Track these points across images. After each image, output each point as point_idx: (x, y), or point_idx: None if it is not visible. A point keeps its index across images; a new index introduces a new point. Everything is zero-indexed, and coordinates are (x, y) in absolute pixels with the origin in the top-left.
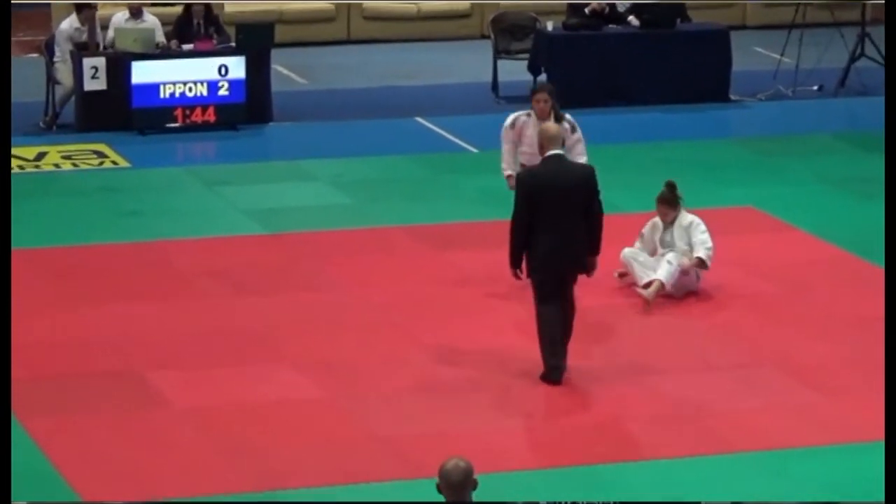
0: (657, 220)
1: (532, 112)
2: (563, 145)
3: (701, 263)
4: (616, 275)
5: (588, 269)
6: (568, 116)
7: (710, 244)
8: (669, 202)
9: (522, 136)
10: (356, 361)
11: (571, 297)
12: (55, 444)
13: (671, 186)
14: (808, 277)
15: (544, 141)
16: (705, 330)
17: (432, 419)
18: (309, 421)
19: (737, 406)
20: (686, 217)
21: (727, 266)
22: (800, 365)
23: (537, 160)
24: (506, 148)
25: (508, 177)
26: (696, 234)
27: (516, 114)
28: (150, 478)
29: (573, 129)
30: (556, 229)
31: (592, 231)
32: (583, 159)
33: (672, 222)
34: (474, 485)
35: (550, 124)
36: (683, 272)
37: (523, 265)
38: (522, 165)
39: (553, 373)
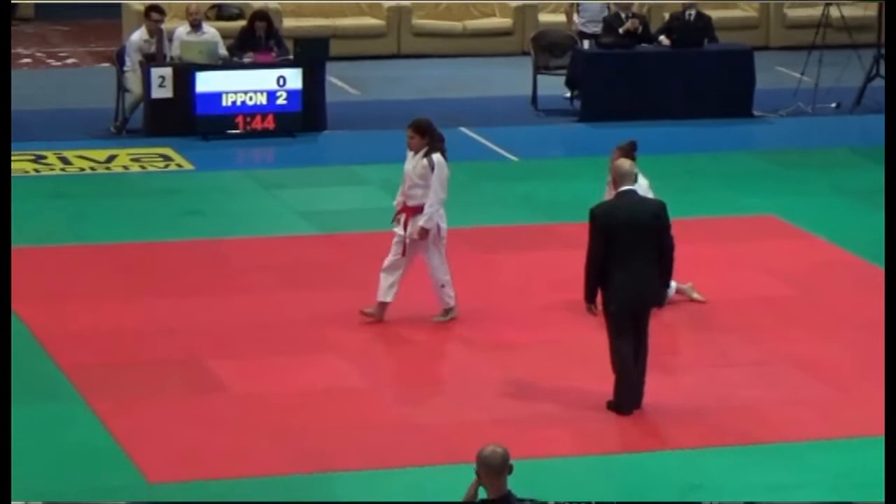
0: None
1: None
2: (635, 181)
3: None
4: None
5: (661, 301)
6: (435, 156)
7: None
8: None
9: (406, 170)
10: (400, 354)
11: (646, 332)
12: (120, 425)
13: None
14: (824, 281)
15: (617, 177)
16: (727, 329)
17: (470, 408)
18: (354, 408)
19: (756, 400)
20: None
21: (749, 270)
22: (816, 362)
23: (410, 196)
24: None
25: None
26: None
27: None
28: (208, 458)
29: (432, 169)
30: (630, 265)
31: (665, 265)
32: (428, 199)
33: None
34: (510, 470)
35: (625, 160)
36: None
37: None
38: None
39: (624, 406)
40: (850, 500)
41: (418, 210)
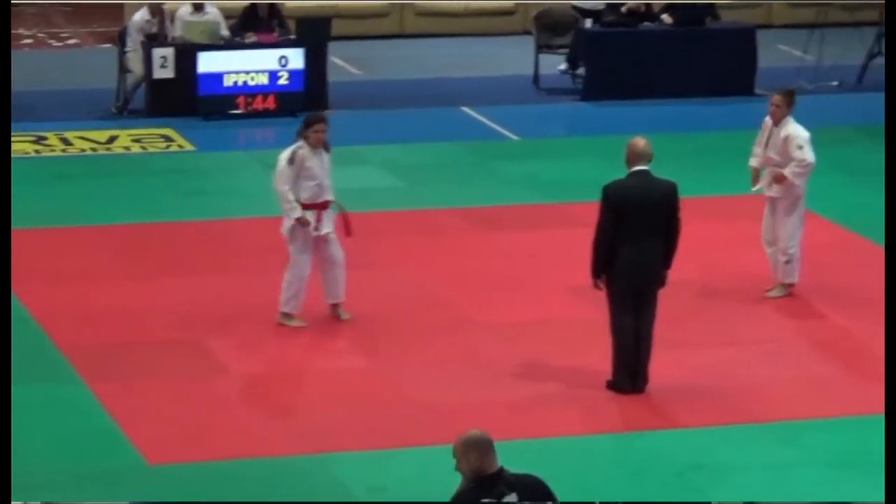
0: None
1: (305, 144)
2: (649, 161)
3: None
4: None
5: (664, 282)
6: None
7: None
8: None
9: (303, 168)
10: (403, 333)
11: (652, 312)
12: (120, 406)
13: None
14: (827, 259)
15: (631, 156)
16: (731, 307)
17: (474, 388)
18: (357, 388)
19: (759, 378)
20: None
21: (754, 248)
22: (820, 341)
23: (323, 192)
24: (286, 189)
25: (300, 219)
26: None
27: (291, 149)
28: (208, 439)
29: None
30: (638, 243)
31: (670, 246)
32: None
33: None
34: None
35: (639, 139)
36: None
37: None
38: (304, 204)
39: (622, 384)
40: (850, 501)
41: (326, 206)
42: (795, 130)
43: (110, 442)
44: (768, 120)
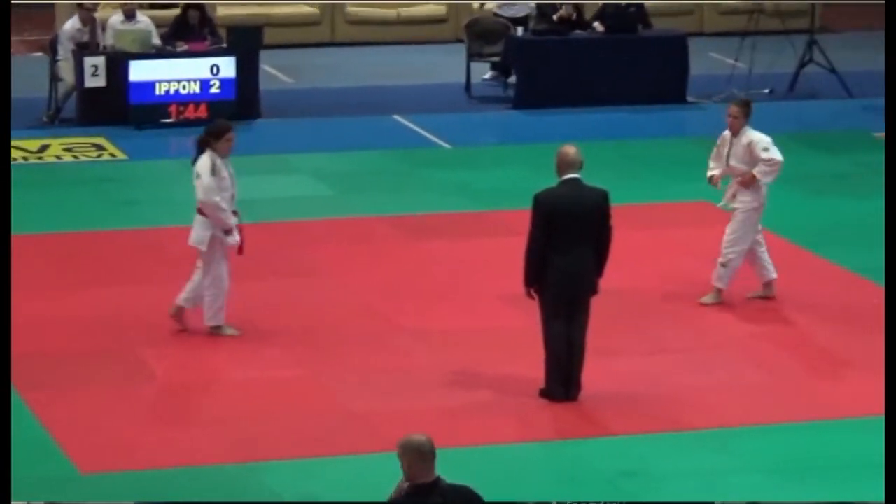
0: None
1: (215, 153)
2: (579, 169)
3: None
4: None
5: (596, 290)
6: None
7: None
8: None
9: (220, 178)
10: (335, 342)
11: (584, 320)
12: (53, 416)
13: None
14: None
15: (562, 164)
16: (661, 315)
17: (405, 396)
18: (289, 396)
19: (689, 386)
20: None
21: (683, 255)
22: (749, 348)
23: (233, 201)
24: (219, 200)
25: (231, 230)
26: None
27: (209, 159)
28: (140, 448)
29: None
30: (570, 252)
31: (601, 255)
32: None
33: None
34: (434, 456)
35: (570, 147)
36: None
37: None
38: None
39: (554, 393)
40: (850, 501)
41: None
42: (757, 136)
43: (43, 451)
44: (726, 133)
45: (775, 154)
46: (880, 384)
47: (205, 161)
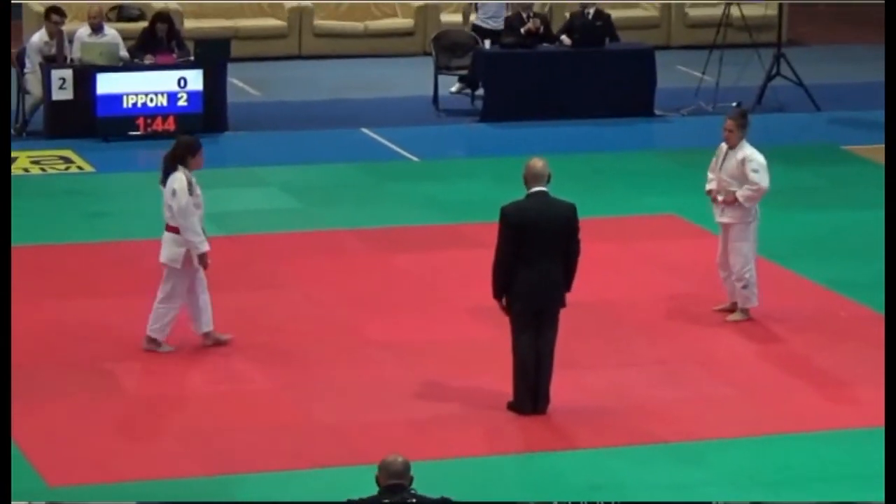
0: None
1: (187, 170)
2: (547, 182)
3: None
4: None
5: (563, 303)
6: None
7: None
8: (736, 121)
9: (196, 195)
10: (305, 355)
11: (553, 333)
12: (20, 428)
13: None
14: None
15: (530, 177)
16: (630, 328)
17: (375, 409)
18: (258, 409)
19: (659, 399)
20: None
21: (651, 268)
22: (718, 361)
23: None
24: (195, 220)
25: (204, 254)
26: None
27: (184, 177)
28: (110, 461)
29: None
30: (537, 264)
31: (569, 268)
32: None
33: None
34: (410, 481)
35: (537, 160)
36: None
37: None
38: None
39: (522, 405)
40: (851, 501)
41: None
42: (752, 154)
43: (11, 463)
44: (723, 145)
45: (761, 180)
46: (853, 395)
47: (180, 179)
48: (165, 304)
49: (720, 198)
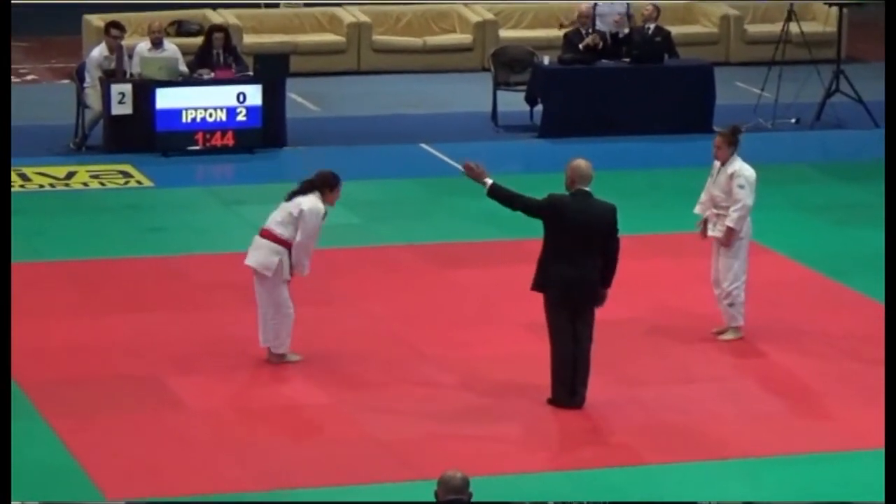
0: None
1: (322, 201)
2: (590, 182)
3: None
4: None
5: (600, 301)
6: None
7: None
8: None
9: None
10: (361, 370)
11: (590, 330)
12: (79, 442)
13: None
14: (784, 297)
15: (576, 177)
16: (687, 344)
17: (431, 424)
18: (314, 424)
19: (715, 416)
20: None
21: (708, 286)
22: (776, 379)
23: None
24: (312, 245)
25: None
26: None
27: (321, 206)
28: (167, 475)
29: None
30: (572, 259)
31: (608, 266)
32: None
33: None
34: (469, 497)
35: (581, 160)
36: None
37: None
38: None
39: (561, 400)
40: (850, 501)
41: None
42: (742, 169)
43: (69, 477)
44: (717, 162)
45: (744, 196)
46: None
47: (317, 205)
48: (274, 318)
49: (709, 234)
